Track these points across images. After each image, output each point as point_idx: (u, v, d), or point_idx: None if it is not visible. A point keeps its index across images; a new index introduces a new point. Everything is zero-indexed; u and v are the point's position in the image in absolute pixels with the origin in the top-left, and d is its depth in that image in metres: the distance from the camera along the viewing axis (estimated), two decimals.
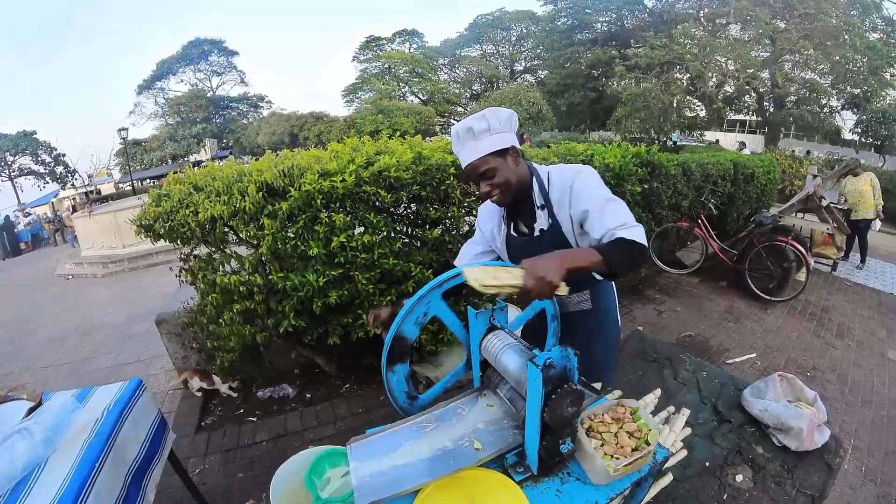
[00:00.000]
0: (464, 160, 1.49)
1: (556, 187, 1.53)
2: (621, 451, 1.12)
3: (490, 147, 1.44)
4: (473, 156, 1.45)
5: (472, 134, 1.44)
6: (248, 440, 3.06)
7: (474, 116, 1.45)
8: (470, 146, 1.46)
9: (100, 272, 10.48)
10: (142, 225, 2.92)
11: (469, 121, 1.45)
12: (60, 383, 4.50)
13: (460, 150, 1.49)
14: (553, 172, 1.57)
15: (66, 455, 1.50)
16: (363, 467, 1.15)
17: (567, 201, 1.50)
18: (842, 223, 6.38)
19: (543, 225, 1.57)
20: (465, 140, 1.46)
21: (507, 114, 1.49)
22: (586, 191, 1.47)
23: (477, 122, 1.44)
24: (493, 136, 1.45)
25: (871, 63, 16.36)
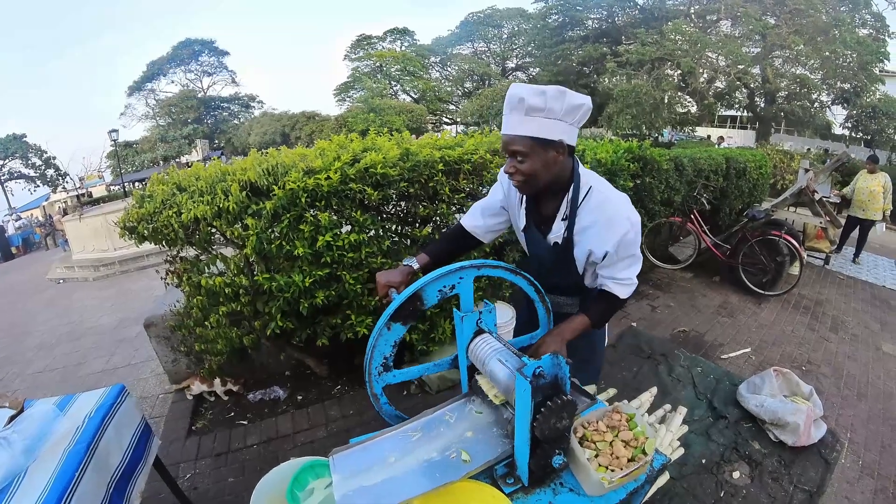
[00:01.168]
0: (505, 128, 1.32)
1: (591, 211, 1.41)
2: (617, 462, 1.07)
3: (533, 131, 1.28)
4: (512, 131, 1.30)
5: (522, 106, 1.25)
6: (239, 444, 3.01)
7: (535, 90, 1.25)
8: (514, 119, 1.29)
9: (91, 276, 10.45)
10: (126, 227, 2.85)
11: (526, 90, 1.25)
12: (52, 388, 4.44)
13: (507, 116, 1.31)
14: (595, 192, 1.41)
15: (46, 464, 1.47)
16: (346, 482, 1.10)
17: (595, 234, 1.41)
18: (834, 217, 6.37)
19: (557, 238, 1.48)
20: (513, 110, 1.28)
21: (576, 103, 1.28)
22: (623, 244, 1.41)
23: (533, 95, 1.24)
24: (544, 120, 1.27)
25: (860, 58, 16.47)
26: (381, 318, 1.22)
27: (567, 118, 1.29)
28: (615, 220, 1.38)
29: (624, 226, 1.38)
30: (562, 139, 1.31)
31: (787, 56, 18.23)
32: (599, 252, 1.41)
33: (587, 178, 1.44)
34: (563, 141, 1.32)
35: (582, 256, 1.48)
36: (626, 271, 1.48)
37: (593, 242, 1.41)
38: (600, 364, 2.01)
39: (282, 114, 29.15)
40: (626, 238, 1.39)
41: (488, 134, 3.54)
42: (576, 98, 1.27)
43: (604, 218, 1.38)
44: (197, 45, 35.67)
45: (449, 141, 3.25)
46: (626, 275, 1.49)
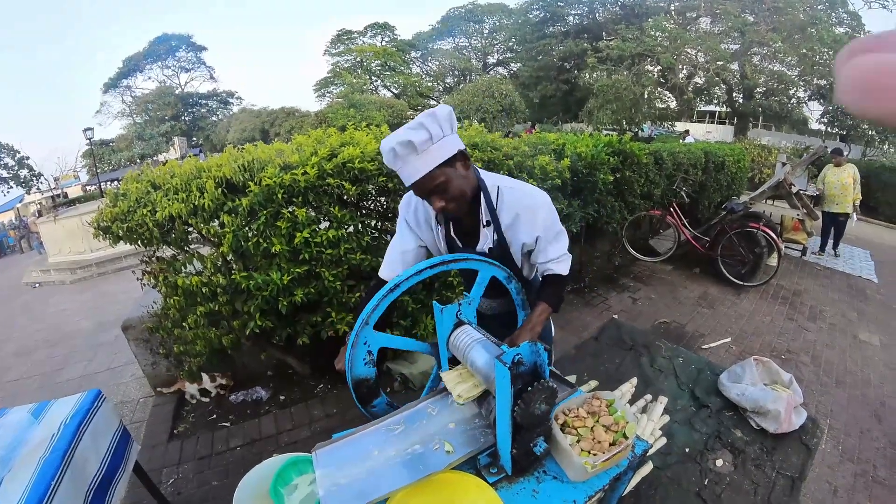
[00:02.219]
0: (408, 178, 1.32)
1: (509, 208, 1.46)
2: (598, 447, 1.08)
3: (437, 159, 1.29)
4: (420, 172, 1.28)
5: (412, 148, 1.26)
6: (222, 446, 2.97)
7: (410, 127, 1.27)
8: (412, 162, 1.28)
9: (68, 279, 10.23)
10: (100, 227, 2.78)
11: (405, 133, 1.25)
12: (30, 396, 4.32)
13: (402, 167, 1.31)
14: (504, 190, 1.47)
15: (21, 473, 1.44)
16: (330, 476, 1.09)
17: (521, 227, 1.48)
18: (811, 209, 6.49)
19: (489, 244, 1.50)
20: (405, 156, 1.28)
21: (446, 113, 1.31)
22: (549, 222, 1.51)
23: (415, 133, 1.25)
24: (437, 144, 1.28)
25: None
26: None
27: (447, 130, 1.31)
28: (534, 208, 1.47)
29: (543, 209, 1.49)
30: (459, 149, 1.35)
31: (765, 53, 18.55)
32: (531, 239, 1.50)
33: (490, 179, 1.49)
34: (461, 149, 1.36)
35: (517, 251, 1.53)
36: (558, 248, 1.55)
37: (523, 234, 1.48)
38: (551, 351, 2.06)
39: (261, 110, 28.82)
40: (548, 219, 1.50)
41: (468, 128, 3.52)
42: (441, 111, 1.30)
43: (523, 209, 1.46)
44: (174, 40, 35.00)
45: None
46: (560, 251, 1.55)
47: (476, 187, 1.44)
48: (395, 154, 1.27)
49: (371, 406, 1.32)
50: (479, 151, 3.13)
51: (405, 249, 1.63)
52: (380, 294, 1.19)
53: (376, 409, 1.33)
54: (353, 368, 1.23)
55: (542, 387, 0.96)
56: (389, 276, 1.59)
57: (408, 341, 1.35)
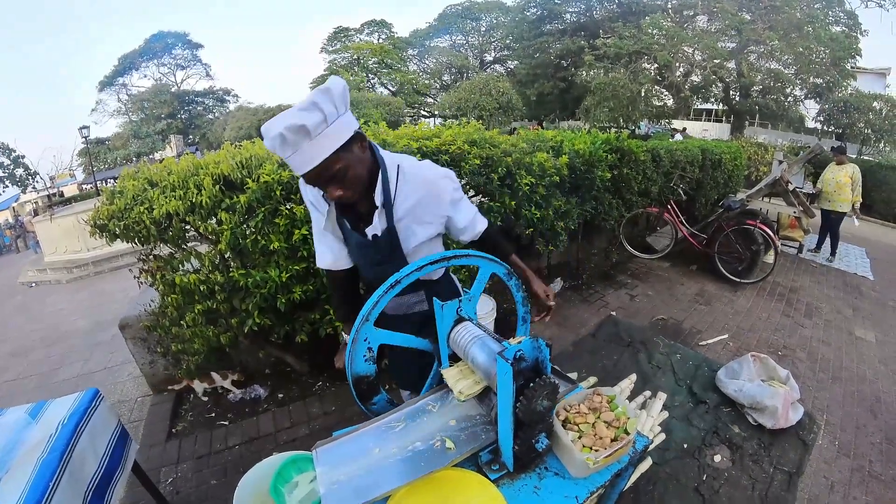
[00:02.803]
0: (300, 167, 1.17)
1: (413, 188, 1.35)
2: (600, 443, 1.08)
3: (334, 143, 1.16)
4: (315, 160, 1.15)
5: (304, 133, 1.11)
6: (221, 445, 2.96)
7: (301, 108, 1.12)
8: (306, 149, 1.13)
9: (64, 278, 10.18)
10: (96, 225, 2.76)
11: (296, 116, 1.10)
12: (27, 396, 4.31)
13: (292, 156, 1.15)
14: (406, 168, 1.36)
15: (19, 474, 1.43)
16: (330, 473, 1.09)
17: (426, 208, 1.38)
18: (807, 206, 6.51)
19: (377, 230, 1.37)
20: (297, 143, 1.12)
21: (341, 89, 1.17)
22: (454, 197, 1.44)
23: (308, 115, 1.11)
24: (333, 126, 1.15)
25: (833, 54, 16.85)
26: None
27: (342, 108, 1.19)
28: (438, 183, 1.39)
29: (446, 183, 1.41)
30: (356, 130, 1.23)
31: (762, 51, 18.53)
32: (439, 219, 1.42)
33: (390, 158, 1.38)
34: (357, 130, 1.24)
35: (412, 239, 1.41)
36: (470, 209, 1.51)
37: (430, 213, 1.39)
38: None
39: (257, 108, 28.69)
40: (454, 192, 1.44)
41: (466, 125, 3.52)
42: (335, 85, 1.16)
43: (427, 188, 1.37)
44: (170, 37, 34.85)
45: (426, 132, 3.23)
46: (472, 210, 1.52)
47: (374, 168, 1.32)
48: (283, 140, 1.12)
49: (371, 403, 1.31)
50: (478, 148, 3.12)
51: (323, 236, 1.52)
52: (380, 290, 1.18)
53: (376, 407, 1.33)
54: (352, 365, 1.22)
55: (544, 383, 0.96)
56: (329, 262, 1.53)
57: (408, 338, 1.34)
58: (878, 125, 17.39)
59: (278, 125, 1.11)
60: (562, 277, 5.20)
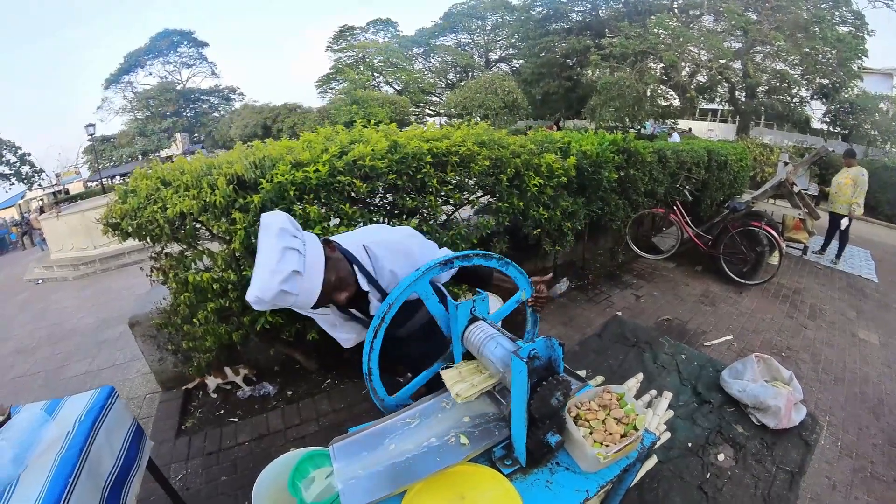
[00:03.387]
0: (308, 301, 1.23)
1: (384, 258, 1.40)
2: (610, 438, 1.12)
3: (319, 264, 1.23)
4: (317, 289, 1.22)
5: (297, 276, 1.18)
6: (230, 442, 2.99)
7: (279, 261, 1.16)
8: (304, 286, 1.19)
9: (70, 275, 10.18)
10: (109, 223, 2.80)
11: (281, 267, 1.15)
12: (34, 393, 4.33)
13: (296, 300, 1.21)
14: (369, 245, 1.41)
15: (38, 472, 1.43)
16: (347, 469, 1.11)
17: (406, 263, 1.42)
18: (812, 208, 6.51)
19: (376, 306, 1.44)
20: (294, 288, 1.17)
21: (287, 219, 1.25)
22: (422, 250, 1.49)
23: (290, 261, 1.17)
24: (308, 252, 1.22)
25: (839, 55, 16.76)
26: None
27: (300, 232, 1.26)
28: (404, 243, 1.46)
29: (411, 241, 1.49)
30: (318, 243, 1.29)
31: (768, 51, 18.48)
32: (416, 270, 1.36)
33: (351, 241, 1.43)
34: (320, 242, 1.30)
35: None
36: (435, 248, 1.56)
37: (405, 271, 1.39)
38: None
39: (263, 106, 28.70)
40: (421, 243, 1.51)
41: (474, 125, 3.55)
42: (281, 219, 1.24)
43: (393, 253, 1.42)
44: (175, 35, 34.89)
45: (436, 133, 3.25)
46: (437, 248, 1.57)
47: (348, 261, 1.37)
48: (284, 294, 1.17)
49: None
50: (487, 149, 3.14)
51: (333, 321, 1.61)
52: (396, 291, 1.22)
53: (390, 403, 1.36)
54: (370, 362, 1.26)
55: (558, 381, 1.00)
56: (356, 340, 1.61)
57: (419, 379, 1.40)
58: (884, 126, 17.32)
59: (272, 287, 1.15)
60: (568, 277, 5.22)
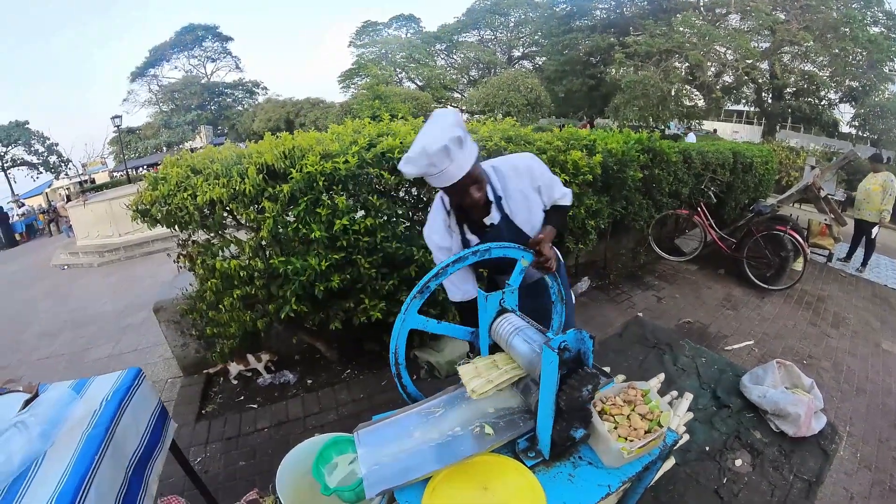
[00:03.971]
0: (453, 176, 1.44)
1: (512, 174, 1.66)
2: (635, 434, 1.12)
3: (474, 151, 1.47)
4: (465, 166, 1.44)
5: (459, 144, 1.40)
6: (250, 428, 3.04)
7: (449, 125, 1.41)
8: (459, 158, 1.42)
9: (95, 262, 10.36)
10: (138, 210, 2.86)
11: (452, 130, 1.39)
12: (58, 375, 4.44)
13: (448, 165, 1.41)
14: (499, 165, 1.68)
15: (64, 449, 1.42)
16: (371, 455, 1.13)
17: (522, 187, 1.67)
18: (839, 214, 6.37)
19: (494, 220, 1.65)
20: (456, 152, 1.40)
21: (458, 114, 1.50)
22: (540, 172, 1.71)
23: (460, 129, 1.41)
24: (467, 140, 1.44)
25: (870, 56, 16.29)
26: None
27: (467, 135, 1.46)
28: (521, 166, 1.69)
29: (528, 162, 1.71)
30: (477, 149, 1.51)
31: (796, 52, 18.04)
32: (533, 190, 1.70)
33: (486, 165, 1.68)
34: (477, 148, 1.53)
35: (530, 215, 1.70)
36: (559, 188, 1.78)
37: (526, 192, 1.68)
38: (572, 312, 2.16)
39: (286, 100, 29.00)
40: (538, 167, 1.72)
41: (501, 122, 3.55)
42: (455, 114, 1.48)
43: (516, 173, 1.67)
44: (200, 30, 35.31)
45: None
46: (562, 189, 1.79)
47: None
48: (447, 152, 1.37)
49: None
50: (514, 145, 3.15)
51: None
52: (426, 278, 1.24)
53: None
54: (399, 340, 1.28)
55: (587, 373, 1.00)
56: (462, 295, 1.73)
57: (450, 326, 1.41)
58: None
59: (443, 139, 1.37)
60: (589, 276, 5.20)
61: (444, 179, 1.44)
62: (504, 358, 1.30)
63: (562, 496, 1.07)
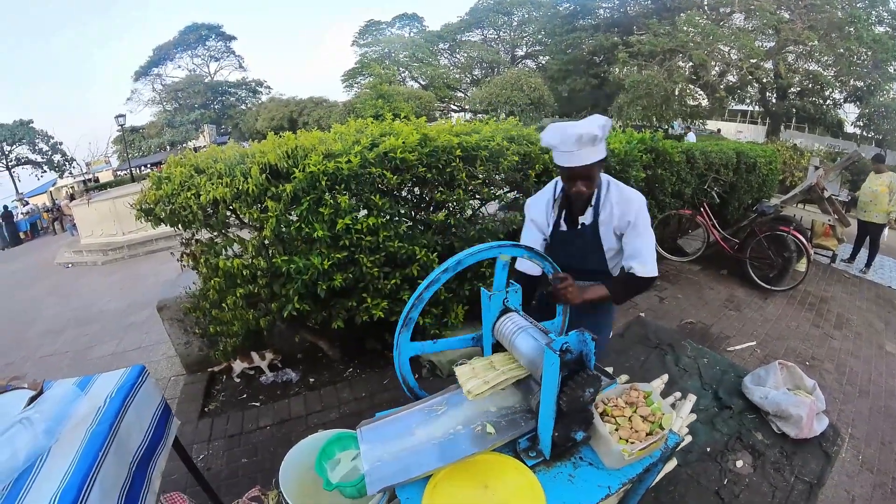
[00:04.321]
0: (575, 161, 1.62)
1: (615, 197, 1.78)
2: (636, 436, 1.12)
3: (601, 154, 1.64)
4: (588, 160, 1.61)
5: (593, 140, 1.57)
6: (252, 425, 3.05)
7: (596, 125, 1.57)
8: (587, 151, 1.60)
9: (99, 260, 10.40)
10: (142, 209, 2.87)
11: (593, 127, 1.56)
12: (62, 372, 4.45)
13: (574, 151, 1.60)
14: (613, 185, 1.82)
15: (68, 445, 1.43)
16: (373, 452, 1.14)
17: (617, 213, 1.77)
18: (843, 215, 6.34)
19: (587, 220, 1.82)
20: (585, 144, 1.58)
21: (609, 124, 1.63)
22: (641, 215, 1.78)
23: (600, 129, 1.57)
24: (601, 144, 1.63)
25: (875, 56, 16.22)
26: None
27: (605, 137, 1.64)
28: (631, 198, 1.78)
29: (638, 200, 1.79)
30: (605, 154, 1.68)
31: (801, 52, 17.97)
32: (623, 223, 1.77)
33: (603, 177, 1.82)
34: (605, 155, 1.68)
35: (609, 235, 1.81)
36: (647, 253, 1.79)
37: (618, 219, 1.77)
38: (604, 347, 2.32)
39: (289, 99, 29.02)
40: (641, 209, 1.78)
41: (503, 121, 3.54)
42: (608, 121, 1.62)
43: (623, 199, 1.78)
44: (203, 29, 35.43)
45: (465, 127, 3.26)
46: (648, 256, 1.80)
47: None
48: (580, 140, 1.57)
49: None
50: (516, 144, 3.15)
51: (532, 243, 1.91)
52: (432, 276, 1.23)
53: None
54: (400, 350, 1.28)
55: (589, 376, 1.00)
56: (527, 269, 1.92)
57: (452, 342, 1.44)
58: None
59: (580, 129, 1.56)
60: None
61: (566, 159, 1.63)
62: (502, 359, 1.30)
63: (562, 496, 1.07)
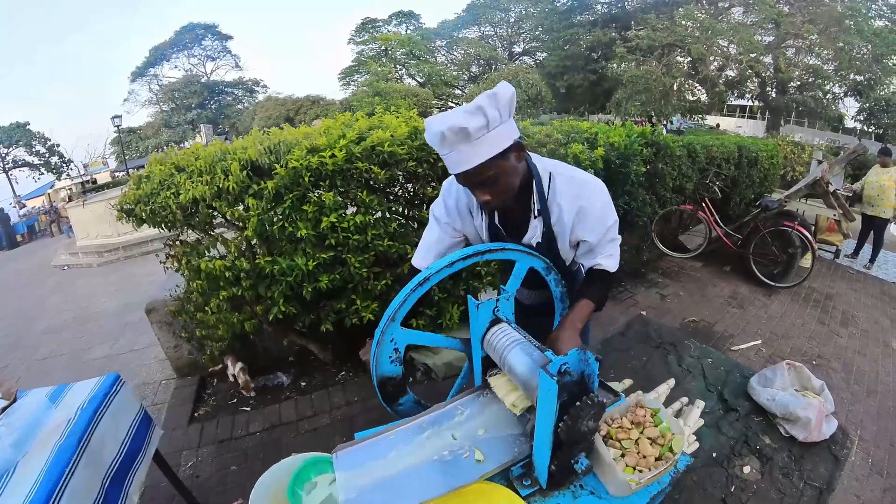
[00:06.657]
0: (455, 166, 1.18)
1: (562, 199, 1.33)
2: (644, 462, 1.00)
3: (491, 150, 1.15)
4: (470, 163, 1.15)
5: (465, 135, 1.11)
6: (242, 431, 2.97)
7: (467, 110, 1.12)
8: (464, 151, 1.14)
9: (95, 261, 10.50)
10: (123, 209, 2.79)
11: (460, 118, 1.10)
12: (57, 374, 4.44)
13: (449, 154, 1.17)
14: (558, 178, 1.34)
15: (36, 459, 1.41)
16: (352, 480, 1.02)
17: (574, 221, 1.35)
18: (847, 209, 6.24)
19: (537, 237, 1.39)
20: (454, 143, 1.13)
21: (509, 96, 1.16)
22: (594, 217, 1.35)
23: (472, 118, 1.10)
24: (493, 132, 1.14)
25: (875, 50, 16.20)
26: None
27: (505, 115, 1.17)
28: (591, 198, 1.34)
29: (599, 201, 1.35)
30: (516, 140, 1.22)
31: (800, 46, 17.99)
32: (590, 236, 1.37)
33: (542, 164, 1.37)
34: (517, 140, 1.23)
35: (566, 246, 1.42)
36: (611, 245, 1.43)
37: (578, 228, 1.36)
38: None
39: (286, 98, 29.16)
40: (604, 213, 1.37)
41: None
42: (504, 92, 1.15)
43: (579, 199, 1.33)
44: (200, 29, 35.50)
45: None
46: (612, 248, 1.44)
47: (528, 176, 1.32)
48: (442, 138, 1.13)
49: (397, 405, 1.26)
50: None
51: (440, 239, 1.51)
52: (408, 288, 1.11)
53: (402, 408, 1.28)
54: (378, 366, 1.17)
55: (592, 402, 0.87)
56: (423, 265, 1.48)
57: (437, 337, 1.27)
58: None
59: (441, 124, 1.12)
60: None
61: (451, 164, 1.20)
62: None
63: None
